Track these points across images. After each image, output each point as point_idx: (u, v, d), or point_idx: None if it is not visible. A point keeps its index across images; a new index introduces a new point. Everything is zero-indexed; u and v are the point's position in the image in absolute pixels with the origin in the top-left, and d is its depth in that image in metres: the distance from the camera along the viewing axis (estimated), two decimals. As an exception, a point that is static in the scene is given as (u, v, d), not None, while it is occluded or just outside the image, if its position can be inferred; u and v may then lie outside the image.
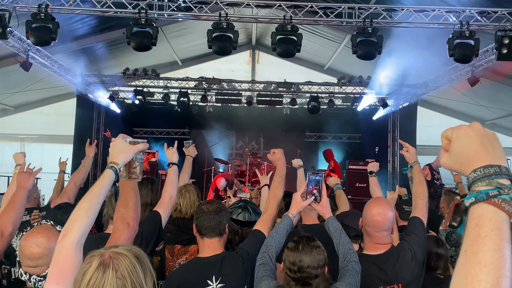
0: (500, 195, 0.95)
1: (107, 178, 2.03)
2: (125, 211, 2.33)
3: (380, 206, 2.79)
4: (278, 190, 3.14)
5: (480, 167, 1.00)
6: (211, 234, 2.76)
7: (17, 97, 12.89)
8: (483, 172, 0.99)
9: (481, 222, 0.95)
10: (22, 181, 3.03)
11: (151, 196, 3.50)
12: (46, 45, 7.79)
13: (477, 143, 1.03)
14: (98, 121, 14.30)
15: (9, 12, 7.59)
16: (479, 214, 0.96)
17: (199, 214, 2.82)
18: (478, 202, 0.97)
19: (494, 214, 0.94)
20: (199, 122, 14.36)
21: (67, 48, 10.81)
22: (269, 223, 2.99)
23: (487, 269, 0.89)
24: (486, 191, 0.96)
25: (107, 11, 7.95)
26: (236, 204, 3.47)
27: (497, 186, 0.96)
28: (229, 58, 13.64)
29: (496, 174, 0.97)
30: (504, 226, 0.93)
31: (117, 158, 2.11)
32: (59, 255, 1.79)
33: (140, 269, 1.62)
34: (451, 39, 7.56)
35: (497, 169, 0.98)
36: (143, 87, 13.56)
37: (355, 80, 13.35)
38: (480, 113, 13.94)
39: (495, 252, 0.91)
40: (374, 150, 13.67)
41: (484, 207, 0.96)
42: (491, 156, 1.01)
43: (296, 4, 8.18)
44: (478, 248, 0.92)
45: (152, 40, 7.60)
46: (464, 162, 1.04)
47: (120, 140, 2.16)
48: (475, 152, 1.03)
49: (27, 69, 9.62)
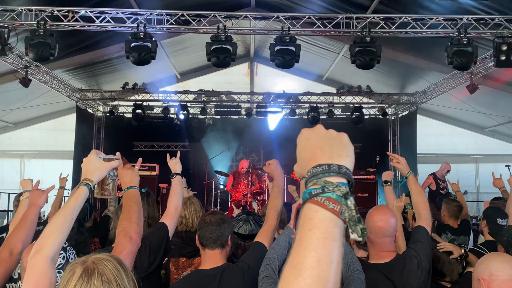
0: (323, 193, 0.91)
1: (81, 195, 2.03)
2: (128, 225, 2.31)
3: (382, 212, 2.77)
4: (277, 201, 3.09)
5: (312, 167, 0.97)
6: (212, 245, 2.72)
7: (17, 114, 12.90)
8: (312, 172, 0.96)
9: (303, 222, 0.91)
10: (35, 199, 2.98)
11: (147, 209, 3.47)
12: (45, 61, 7.83)
13: (314, 145, 1.01)
14: (98, 136, 14.31)
15: (8, 28, 7.62)
16: (303, 214, 0.92)
17: (202, 225, 2.79)
18: (304, 202, 0.93)
19: (315, 213, 0.90)
20: (198, 135, 14.36)
21: (66, 63, 10.85)
22: (270, 235, 2.94)
23: (296, 271, 0.85)
24: (310, 190, 0.93)
25: (106, 26, 7.99)
26: (237, 216, 3.44)
27: (323, 185, 0.92)
28: (227, 70, 13.68)
29: (324, 172, 0.94)
30: (325, 225, 0.89)
31: (92, 175, 2.11)
32: (33, 271, 1.78)
33: (124, 273, 1.62)
34: (449, 47, 7.58)
35: (326, 167, 0.95)
36: (143, 101, 13.58)
37: (354, 90, 13.39)
38: (479, 120, 13.96)
39: (308, 252, 0.86)
40: (375, 159, 13.63)
41: (308, 207, 0.92)
42: (326, 156, 0.98)
43: (293, 15, 8.21)
44: (295, 249, 0.89)
45: (151, 54, 7.62)
46: (305, 166, 1.01)
47: (94, 157, 2.16)
48: (312, 154, 1.00)
49: (27, 86, 9.64)
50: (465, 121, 14.54)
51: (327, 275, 0.85)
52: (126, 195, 2.44)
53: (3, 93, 11.10)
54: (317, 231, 0.89)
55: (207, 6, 8.83)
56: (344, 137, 1.04)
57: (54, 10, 7.75)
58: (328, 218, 0.90)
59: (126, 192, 2.50)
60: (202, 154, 13.83)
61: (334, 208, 0.90)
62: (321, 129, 1.05)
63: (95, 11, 7.91)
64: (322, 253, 0.86)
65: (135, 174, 2.58)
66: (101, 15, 7.94)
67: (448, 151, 14.73)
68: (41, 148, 14.69)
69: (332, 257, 0.87)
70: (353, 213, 0.91)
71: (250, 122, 14.08)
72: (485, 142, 14.95)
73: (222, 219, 2.80)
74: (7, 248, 2.66)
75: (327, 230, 0.89)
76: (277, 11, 8.67)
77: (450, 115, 14.39)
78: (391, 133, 14.67)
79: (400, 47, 10.09)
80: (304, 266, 0.85)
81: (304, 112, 14.46)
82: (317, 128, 1.06)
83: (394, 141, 14.59)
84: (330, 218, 0.90)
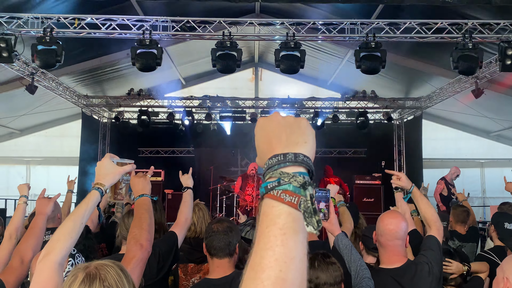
0: (279, 186, 0.84)
1: (92, 199, 2.02)
2: (138, 232, 2.32)
3: (393, 215, 2.78)
4: None
5: (267, 159, 0.90)
6: (220, 254, 2.70)
7: (23, 120, 12.97)
8: (268, 163, 0.89)
9: (261, 219, 0.84)
10: (41, 207, 3.00)
11: (155, 215, 3.48)
12: (52, 67, 7.87)
13: (269, 134, 0.94)
14: (104, 142, 14.36)
15: (15, 36, 7.67)
16: (261, 211, 0.85)
17: (209, 234, 2.77)
18: (262, 198, 0.86)
19: (271, 209, 0.83)
20: (203, 141, 14.38)
21: (72, 70, 10.91)
22: None
23: (254, 272, 0.79)
24: (266, 184, 0.86)
25: (112, 33, 8.03)
26: (246, 222, 3.45)
27: (279, 177, 0.85)
28: (232, 76, 13.70)
29: (279, 163, 0.87)
30: (282, 220, 0.82)
31: (104, 179, 2.09)
32: (40, 275, 1.78)
33: (125, 280, 1.63)
34: (455, 52, 7.57)
35: (281, 157, 0.87)
36: (148, 107, 13.63)
37: (359, 95, 13.39)
38: (485, 125, 13.91)
39: (265, 251, 0.79)
40: (380, 164, 13.61)
41: (264, 202, 0.85)
42: (283, 144, 0.90)
43: (298, 21, 8.23)
44: (253, 249, 0.82)
45: (157, 60, 7.65)
46: (262, 157, 0.94)
47: (107, 161, 2.14)
48: (268, 144, 0.93)
49: (33, 92, 9.70)
50: (470, 126, 14.50)
51: (287, 274, 0.78)
52: (138, 203, 2.45)
53: (10, 100, 11.17)
54: (274, 228, 0.82)
55: (212, 12, 8.87)
56: (302, 122, 0.96)
57: (60, 18, 7.80)
58: (285, 213, 0.83)
59: (138, 200, 2.51)
60: (207, 159, 13.84)
61: (292, 200, 0.83)
62: (277, 116, 0.97)
63: (101, 18, 7.95)
64: (280, 251, 0.80)
65: (146, 182, 2.59)
66: (107, 22, 7.98)
67: (454, 155, 14.68)
68: (47, 154, 14.75)
69: (292, 255, 0.80)
70: (308, 204, 0.84)
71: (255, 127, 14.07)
72: (491, 146, 14.89)
73: (230, 228, 2.79)
74: (17, 256, 2.68)
75: (284, 226, 0.82)
76: (281, 17, 8.70)
77: (456, 120, 14.35)
78: (396, 138, 14.64)
79: (404, 51, 10.09)
80: (261, 268, 0.79)
81: (309, 117, 14.45)
82: (273, 115, 0.98)
83: (399, 146, 14.56)
84: (287, 212, 0.83)
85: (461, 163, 14.50)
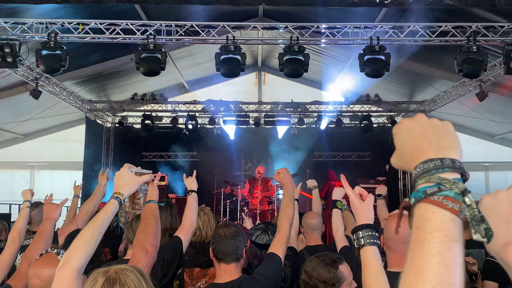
0: (440, 192, 0.84)
1: (110, 208, 2.03)
2: (144, 238, 2.32)
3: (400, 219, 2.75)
4: (288, 210, 3.04)
5: (420, 162, 0.90)
6: (228, 259, 2.69)
7: (26, 125, 13.00)
8: (422, 167, 0.89)
9: (420, 224, 0.84)
10: (49, 212, 3.02)
11: (170, 220, 3.45)
12: (56, 72, 7.90)
13: (418, 136, 0.93)
14: (107, 147, 14.38)
15: (19, 41, 7.70)
16: (418, 215, 0.86)
17: (216, 238, 2.75)
18: (417, 202, 0.86)
19: (433, 214, 0.84)
20: (207, 145, 14.40)
21: (76, 75, 10.94)
22: (283, 245, 2.89)
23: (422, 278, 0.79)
24: (424, 188, 0.86)
25: (116, 37, 8.05)
26: (256, 226, 3.43)
27: (438, 182, 0.85)
28: (235, 80, 13.68)
29: (437, 168, 0.87)
30: (447, 227, 0.82)
31: (123, 188, 2.11)
32: (60, 283, 1.78)
33: (145, 284, 1.63)
34: (459, 55, 7.55)
35: (438, 162, 0.87)
36: (152, 112, 13.66)
37: (362, 98, 13.39)
38: (489, 128, 13.88)
39: (433, 257, 0.80)
40: (385, 168, 13.57)
41: (423, 207, 0.85)
42: (435, 148, 0.90)
43: (302, 25, 8.23)
44: (415, 254, 0.82)
45: (161, 64, 7.66)
46: (407, 159, 0.94)
47: (126, 171, 2.16)
48: (416, 147, 0.93)
49: (37, 97, 9.72)
50: (474, 129, 14.45)
51: (456, 280, 0.79)
52: (145, 209, 2.44)
53: (14, 105, 11.21)
54: (439, 234, 0.82)
55: (215, 17, 8.89)
56: (449, 126, 0.95)
57: (64, 23, 7.83)
58: (448, 219, 0.83)
59: (145, 206, 2.51)
60: (211, 164, 13.84)
61: (454, 207, 0.83)
62: (424, 118, 0.97)
63: (105, 23, 7.97)
64: (448, 257, 0.80)
65: (154, 188, 2.59)
66: (111, 27, 8.01)
67: (458, 159, 14.60)
68: (51, 159, 14.77)
69: (458, 261, 0.81)
70: (475, 212, 0.84)
71: (258, 131, 14.10)
72: (495, 149, 14.85)
73: (237, 232, 2.77)
74: (26, 261, 2.68)
75: (450, 232, 0.82)
76: (284, 21, 8.70)
77: (459, 123, 14.29)
78: (400, 141, 14.58)
79: (408, 55, 10.07)
80: (431, 273, 0.79)
81: (312, 121, 14.48)
82: (419, 117, 0.98)
83: (403, 149, 14.49)
84: (450, 219, 0.83)
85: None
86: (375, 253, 1.74)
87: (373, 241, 1.71)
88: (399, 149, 0.98)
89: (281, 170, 3.19)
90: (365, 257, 1.73)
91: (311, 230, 3.77)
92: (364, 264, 1.73)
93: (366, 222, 1.77)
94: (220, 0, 7.20)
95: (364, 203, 1.81)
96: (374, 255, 1.73)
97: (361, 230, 1.74)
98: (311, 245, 3.84)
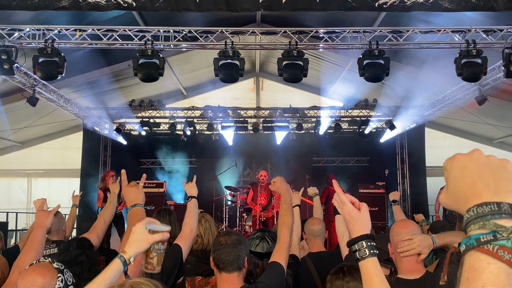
0: (496, 241, 0.77)
1: (112, 269, 1.84)
2: None
3: (407, 224, 2.71)
4: (287, 218, 2.97)
5: (474, 205, 0.82)
6: (229, 268, 2.59)
7: (24, 133, 12.92)
8: (476, 211, 0.81)
9: (472, 275, 0.77)
10: (41, 220, 2.92)
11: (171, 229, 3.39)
12: (53, 79, 7.83)
13: (474, 176, 0.85)
14: (105, 154, 14.29)
15: (15, 48, 7.64)
16: (469, 265, 0.78)
17: (217, 247, 2.66)
18: (469, 250, 0.79)
19: (487, 265, 0.76)
20: (205, 151, 14.34)
21: (73, 81, 10.88)
22: (285, 253, 2.82)
23: None
24: (477, 235, 0.79)
25: (113, 43, 8.00)
26: (253, 235, 3.33)
27: (493, 230, 0.78)
28: (233, 86, 13.62)
29: (493, 213, 0.79)
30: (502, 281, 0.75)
31: (130, 247, 1.93)
32: None
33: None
34: (459, 59, 7.53)
35: (495, 207, 0.79)
36: (149, 118, 13.61)
37: (360, 104, 13.36)
38: (487, 132, 13.86)
39: None
40: (384, 173, 13.53)
41: (476, 256, 0.78)
42: (492, 191, 0.82)
43: (301, 29, 8.21)
44: None
45: (159, 70, 7.62)
46: (460, 200, 0.87)
47: (141, 227, 1.98)
48: (471, 187, 0.85)
49: (34, 104, 9.65)
50: (473, 133, 14.44)
51: None
52: (131, 213, 2.38)
53: (10, 112, 11.13)
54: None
55: (212, 22, 8.85)
56: (509, 165, 0.87)
57: (62, 29, 7.78)
58: (504, 272, 0.75)
59: (131, 210, 2.44)
60: (210, 170, 13.78)
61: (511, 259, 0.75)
62: (481, 155, 0.89)
63: (102, 29, 7.92)
64: None
65: (139, 191, 2.50)
66: (109, 33, 7.96)
67: (457, 163, 14.57)
68: (48, 166, 14.69)
69: None
70: None
71: (257, 137, 14.06)
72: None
73: (239, 240, 2.67)
74: (17, 271, 2.60)
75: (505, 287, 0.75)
76: (282, 26, 8.65)
77: (458, 127, 14.30)
78: (399, 146, 14.57)
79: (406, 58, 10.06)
80: None
81: (310, 127, 14.44)
82: (475, 153, 0.90)
83: (402, 154, 14.49)
84: (507, 273, 0.75)
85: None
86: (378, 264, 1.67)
87: (375, 252, 1.65)
88: (451, 188, 0.90)
89: (276, 179, 3.11)
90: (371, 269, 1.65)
91: (314, 237, 3.71)
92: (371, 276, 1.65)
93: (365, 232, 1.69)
94: (219, 7, 7.18)
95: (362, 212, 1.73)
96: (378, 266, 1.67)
97: (364, 241, 1.67)
98: (313, 252, 3.77)
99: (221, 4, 7.07)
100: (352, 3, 6.90)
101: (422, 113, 13.04)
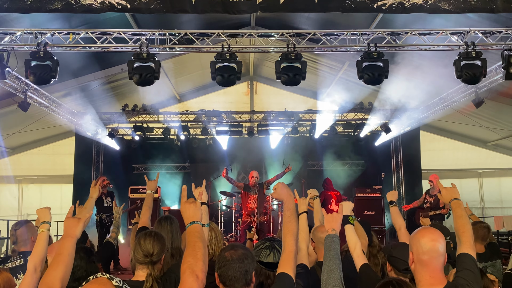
0: None
1: None
2: (194, 262, 2.10)
3: (431, 231, 2.56)
4: (291, 224, 2.80)
5: None
6: (237, 285, 2.44)
7: (14, 138, 12.67)
8: None
9: None
10: (70, 229, 2.58)
11: (171, 238, 3.22)
12: (46, 83, 7.64)
13: None
14: (98, 159, 14.09)
15: (7, 51, 7.46)
16: None
17: (222, 263, 2.50)
18: None
19: None
20: (199, 156, 14.19)
21: (65, 86, 10.68)
22: (292, 262, 2.66)
23: None
24: None
25: (108, 47, 7.84)
26: (261, 245, 3.16)
27: None
28: (227, 90, 13.58)
29: None
30: None
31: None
32: None
33: None
34: (458, 61, 7.46)
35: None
36: (143, 123, 13.44)
37: (356, 107, 13.30)
38: (482, 135, 13.87)
39: None
40: (380, 177, 13.46)
41: None
42: None
43: (298, 32, 8.11)
44: None
45: (154, 74, 7.47)
46: None
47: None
48: None
49: (26, 110, 9.45)
50: (467, 136, 14.46)
51: None
52: (190, 231, 2.25)
53: (1, 118, 10.90)
54: None
55: (207, 25, 8.74)
56: None
57: (55, 32, 7.61)
58: None
59: (189, 227, 2.31)
60: (204, 175, 13.61)
61: None
62: None
63: (96, 32, 7.76)
64: None
65: (197, 208, 2.37)
66: (103, 36, 7.80)
67: (451, 166, 14.60)
68: (39, 173, 14.43)
69: None
70: None
71: (251, 141, 13.93)
72: (488, 156, 14.84)
73: (245, 254, 2.53)
74: (45, 287, 2.34)
75: None
76: (277, 29, 8.53)
77: (453, 130, 14.30)
78: (394, 149, 14.52)
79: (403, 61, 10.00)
80: None
81: (305, 130, 14.35)
82: None
83: (397, 157, 14.44)
84: None
85: (459, 173, 14.46)
86: None
87: None
88: None
89: (277, 186, 2.97)
90: None
91: (323, 244, 3.57)
92: None
93: None
94: (215, 8, 7.06)
95: None
96: None
97: None
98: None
99: (218, 6, 6.95)
100: (351, 4, 6.83)
101: (417, 116, 12.98)
